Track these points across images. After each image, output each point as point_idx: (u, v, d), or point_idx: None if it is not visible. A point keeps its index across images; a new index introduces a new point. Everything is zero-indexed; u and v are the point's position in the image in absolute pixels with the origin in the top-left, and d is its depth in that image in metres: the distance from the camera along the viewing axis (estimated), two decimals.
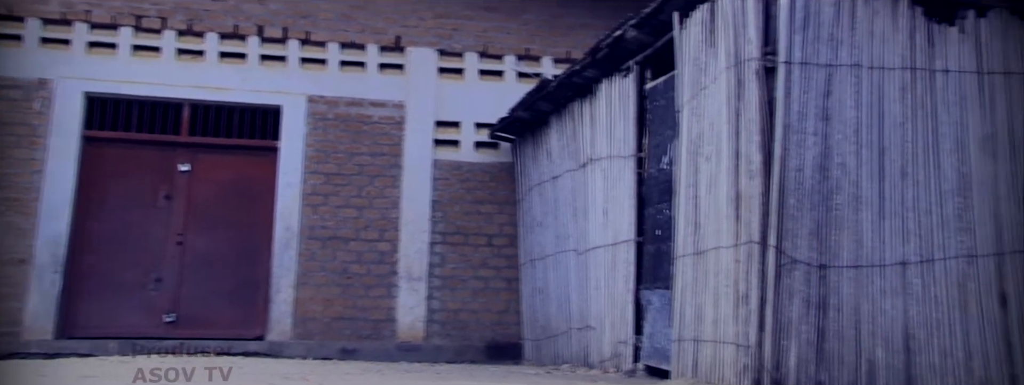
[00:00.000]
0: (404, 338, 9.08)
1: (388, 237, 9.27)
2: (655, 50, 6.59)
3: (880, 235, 5.00)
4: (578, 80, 7.68)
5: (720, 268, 5.34)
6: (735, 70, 5.31)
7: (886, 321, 4.88)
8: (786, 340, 4.81)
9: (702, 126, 5.72)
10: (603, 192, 7.30)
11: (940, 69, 5.23)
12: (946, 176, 5.09)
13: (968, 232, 5.02)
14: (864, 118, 5.13)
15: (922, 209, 5.04)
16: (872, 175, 5.07)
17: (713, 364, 5.24)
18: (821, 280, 4.91)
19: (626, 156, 6.95)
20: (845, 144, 5.09)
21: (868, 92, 5.16)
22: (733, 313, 5.11)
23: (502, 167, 9.67)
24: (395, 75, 9.60)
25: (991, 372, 4.82)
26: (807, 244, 4.94)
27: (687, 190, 5.81)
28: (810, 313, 4.86)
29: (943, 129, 5.16)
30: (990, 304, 4.93)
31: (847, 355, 4.83)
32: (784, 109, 5.06)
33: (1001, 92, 5.22)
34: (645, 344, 6.36)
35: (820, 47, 5.16)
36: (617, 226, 7.00)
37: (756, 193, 5.04)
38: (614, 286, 6.92)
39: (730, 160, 5.36)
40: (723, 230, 5.36)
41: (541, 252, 8.69)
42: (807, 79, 5.12)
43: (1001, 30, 5.29)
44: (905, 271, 4.96)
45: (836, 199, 5.02)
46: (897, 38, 5.24)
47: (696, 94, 5.83)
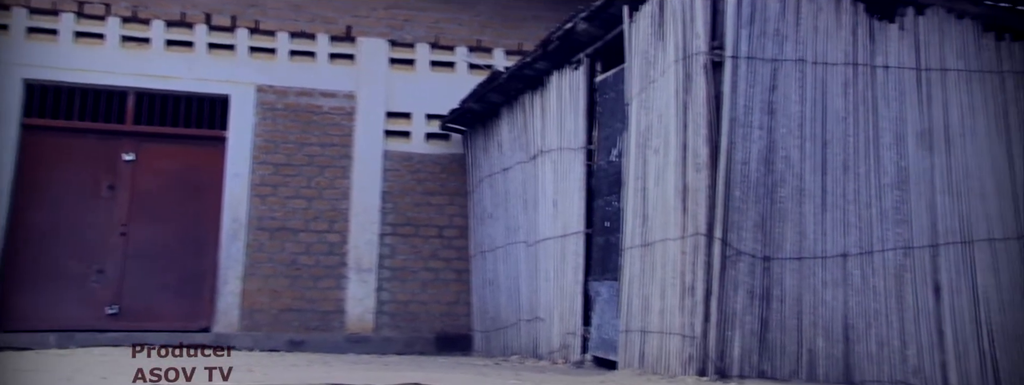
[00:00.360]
0: (353, 330, 9.03)
1: (338, 228, 9.20)
2: (605, 43, 6.62)
3: (822, 227, 5.10)
4: (529, 72, 7.69)
5: (667, 260, 5.41)
6: (683, 64, 5.37)
7: (827, 311, 4.99)
8: (730, 331, 4.89)
9: (651, 119, 5.77)
10: (553, 184, 7.34)
11: (880, 65, 5.34)
12: (885, 170, 5.21)
13: (905, 224, 5.14)
14: (808, 112, 5.22)
15: (862, 202, 5.16)
16: (815, 168, 5.17)
17: (659, 355, 5.31)
18: (765, 272, 5.00)
19: (576, 148, 6.99)
20: (789, 138, 5.18)
21: (812, 87, 5.25)
22: (679, 304, 5.18)
23: (453, 158, 9.65)
24: (346, 65, 9.51)
25: (924, 360, 4.96)
26: (752, 236, 5.02)
27: (635, 182, 5.86)
28: (754, 304, 4.94)
29: (883, 124, 5.27)
30: (925, 294, 5.07)
31: (789, 345, 4.93)
32: (731, 103, 5.13)
33: (938, 88, 5.36)
34: (593, 335, 6.41)
35: (766, 42, 5.23)
36: (567, 218, 7.03)
37: (703, 186, 5.10)
38: (563, 278, 6.96)
39: (678, 153, 5.42)
40: (670, 222, 5.43)
41: (491, 244, 8.70)
42: (753, 74, 5.19)
43: (938, 27, 5.42)
44: (846, 263, 5.07)
45: (780, 192, 5.11)
46: (840, 34, 5.34)
47: (645, 87, 5.88)
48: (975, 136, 5.33)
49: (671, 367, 5.12)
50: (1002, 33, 5.48)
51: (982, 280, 5.11)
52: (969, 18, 5.46)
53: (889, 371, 4.94)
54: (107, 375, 4.48)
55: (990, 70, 5.42)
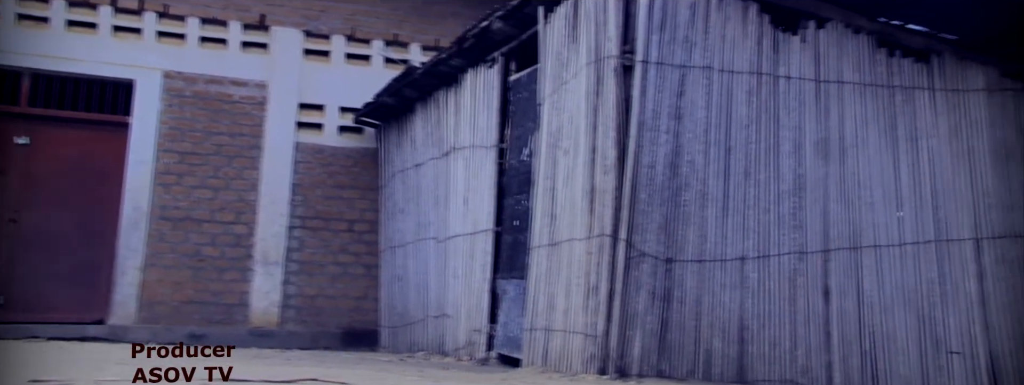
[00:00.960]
0: (257, 323, 8.86)
1: (245, 220, 9.01)
2: (520, 43, 6.66)
3: (723, 231, 5.25)
4: (444, 69, 7.68)
5: (573, 259, 5.48)
6: (595, 66, 5.45)
7: (724, 313, 5.14)
8: (631, 330, 4.99)
9: (562, 120, 5.84)
10: (465, 181, 7.35)
11: (783, 75, 5.53)
12: (784, 177, 5.40)
13: (800, 230, 5.34)
14: (713, 118, 5.37)
15: (761, 207, 5.33)
16: (718, 173, 5.32)
17: (562, 353, 5.38)
18: (667, 273, 5.12)
19: (488, 146, 7.01)
20: (695, 143, 5.31)
21: (718, 94, 5.40)
22: (583, 304, 5.26)
23: (366, 152, 9.57)
24: (258, 54, 9.32)
25: (812, 360, 5.17)
26: (655, 238, 5.13)
27: (545, 182, 5.92)
28: (655, 305, 5.05)
29: (783, 132, 5.46)
30: (815, 297, 5.27)
31: (687, 345, 5.06)
32: (639, 107, 5.23)
33: (835, 99, 5.58)
34: (499, 333, 6.45)
35: (675, 48, 5.36)
36: (477, 215, 7.06)
37: (610, 187, 5.19)
38: (472, 275, 6.98)
39: (587, 154, 5.50)
40: (577, 222, 5.50)
41: (402, 239, 8.66)
42: (662, 79, 5.31)
43: (837, 41, 5.64)
44: (743, 266, 5.23)
45: (684, 195, 5.24)
46: (746, 44, 5.50)
47: (557, 88, 5.94)
48: (866, 147, 5.56)
49: (573, 366, 5.20)
50: (894, 49, 5.74)
51: (867, 284, 5.35)
52: (865, 33, 5.70)
53: (780, 371, 5.12)
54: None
55: (882, 84, 5.67)
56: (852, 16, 5.68)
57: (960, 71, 5.83)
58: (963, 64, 5.84)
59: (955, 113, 5.76)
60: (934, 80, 5.78)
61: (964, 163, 5.70)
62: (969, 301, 5.46)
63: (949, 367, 5.33)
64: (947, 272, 5.49)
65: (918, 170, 5.63)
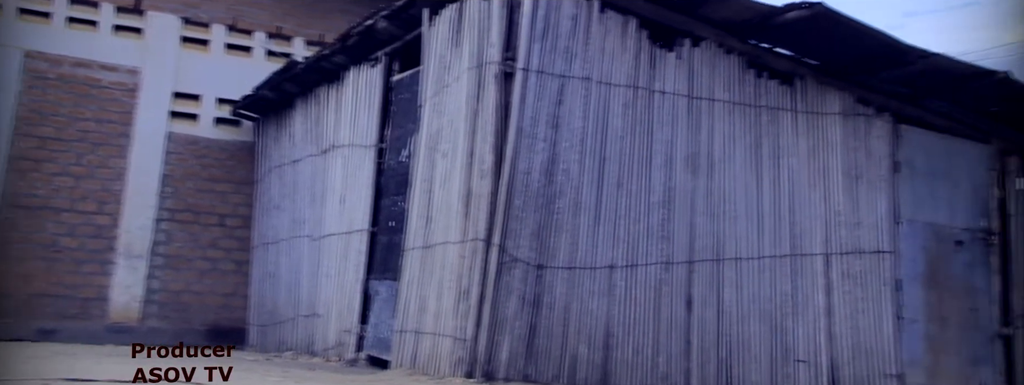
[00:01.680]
0: (116, 319, 8.47)
1: (109, 210, 8.60)
2: (404, 43, 6.64)
3: (594, 239, 5.37)
4: (327, 65, 7.56)
5: (446, 263, 5.49)
6: (476, 72, 5.48)
7: (591, 320, 5.25)
8: (500, 335, 5.04)
9: (442, 123, 5.84)
10: (342, 180, 7.25)
11: (658, 90, 5.71)
12: (655, 189, 5.57)
13: (667, 241, 5.52)
14: (590, 129, 5.48)
15: (632, 218, 5.48)
16: (592, 183, 5.43)
17: (431, 356, 5.38)
18: (538, 279, 5.20)
19: (367, 146, 6.95)
20: (571, 152, 5.41)
21: (595, 105, 5.52)
22: (454, 307, 5.28)
23: (242, 146, 9.30)
24: (132, 39, 8.92)
25: (672, 367, 5.35)
26: (528, 244, 5.20)
27: (422, 184, 5.91)
28: (525, 310, 5.12)
29: (656, 145, 5.63)
30: (679, 307, 5.46)
31: (554, 350, 5.15)
32: (518, 114, 5.29)
33: (706, 116, 5.79)
34: (369, 334, 6.40)
35: (556, 58, 5.45)
36: (353, 215, 6.98)
37: (486, 192, 5.23)
38: (344, 275, 6.90)
39: (465, 158, 5.53)
40: (452, 226, 5.52)
41: (275, 236, 8.47)
42: (542, 87, 5.39)
43: (710, 60, 5.87)
44: (612, 274, 5.37)
45: (558, 203, 5.33)
46: (624, 57, 5.65)
47: (439, 91, 5.94)
48: (733, 163, 5.80)
49: (441, 368, 5.21)
50: (762, 71, 6.02)
51: (727, 295, 5.58)
52: (736, 54, 5.95)
53: (641, 377, 5.27)
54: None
55: (750, 104, 5.93)
56: (725, 37, 5.91)
57: (820, 95, 6.16)
58: (822, 88, 6.17)
59: (814, 134, 6.09)
60: (797, 102, 6.08)
61: (820, 182, 6.03)
62: (816, 312, 5.77)
63: (795, 374, 5.62)
64: (799, 285, 5.79)
65: (778, 187, 5.91)
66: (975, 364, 6.21)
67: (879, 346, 5.90)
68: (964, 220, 6.43)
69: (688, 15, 5.80)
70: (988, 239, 6.43)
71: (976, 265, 6.39)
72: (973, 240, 6.42)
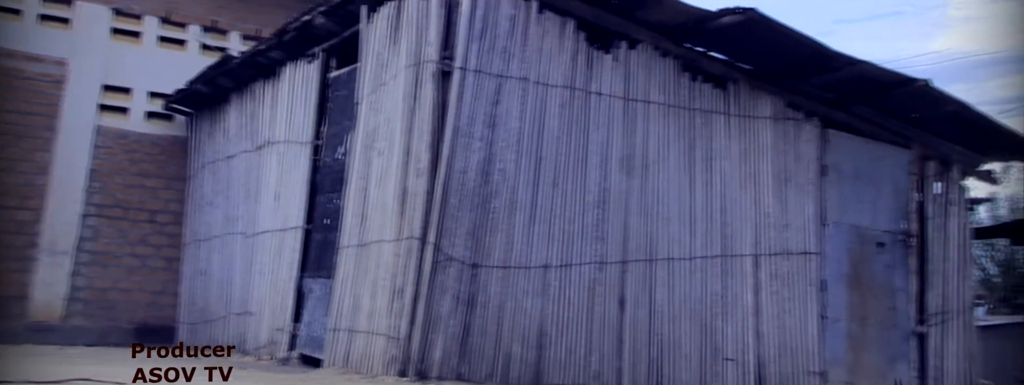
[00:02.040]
0: (38, 317, 8.21)
1: (32, 205, 8.34)
2: (342, 40, 6.59)
3: (529, 239, 5.40)
4: (263, 60, 7.46)
5: (381, 261, 5.47)
6: (414, 70, 5.47)
7: (525, 319, 5.29)
8: (434, 334, 5.04)
9: (378, 120, 5.82)
10: (277, 176, 7.16)
11: (595, 91, 5.77)
12: (590, 189, 5.63)
13: (602, 241, 5.59)
14: (527, 129, 5.52)
15: (567, 218, 5.53)
16: (528, 183, 5.47)
17: (364, 354, 5.36)
18: (472, 278, 5.21)
19: (303, 142, 6.88)
20: (507, 151, 5.44)
21: (532, 105, 5.56)
22: (388, 306, 5.26)
23: (175, 141, 9.11)
24: (59, 29, 8.66)
25: (604, 366, 5.42)
26: (463, 243, 5.21)
27: (358, 182, 5.88)
28: (459, 309, 5.13)
29: (592, 146, 5.69)
30: (612, 306, 5.53)
31: (488, 349, 5.17)
32: (455, 113, 5.30)
33: (641, 118, 5.88)
34: (302, 332, 6.34)
35: (494, 58, 5.47)
36: (287, 212, 6.90)
37: (421, 191, 5.22)
38: (278, 272, 6.81)
39: (401, 157, 5.51)
40: (388, 224, 5.50)
41: (208, 233, 8.32)
42: (479, 87, 5.40)
43: (646, 63, 5.96)
44: (546, 274, 5.41)
45: (494, 202, 5.35)
46: (562, 58, 5.70)
47: (376, 88, 5.92)
48: (667, 165, 5.90)
49: (374, 367, 5.19)
50: (696, 74, 6.13)
51: (659, 295, 5.67)
52: (672, 57, 6.05)
53: (574, 376, 5.33)
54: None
55: (685, 106, 6.04)
56: (661, 40, 6.01)
57: (752, 99, 6.30)
58: (755, 93, 6.31)
59: (746, 138, 6.22)
60: (730, 106, 6.22)
61: (750, 184, 6.17)
62: (745, 312, 5.91)
63: (724, 373, 5.74)
64: (729, 285, 5.91)
65: (711, 189, 6.03)
66: (892, 361, 6.42)
67: (803, 344, 6.07)
68: (886, 223, 6.64)
69: (625, 18, 5.88)
70: (907, 241, 6.66)
71: (896, 266, 6.61)
72: (893, 242, 6.64)
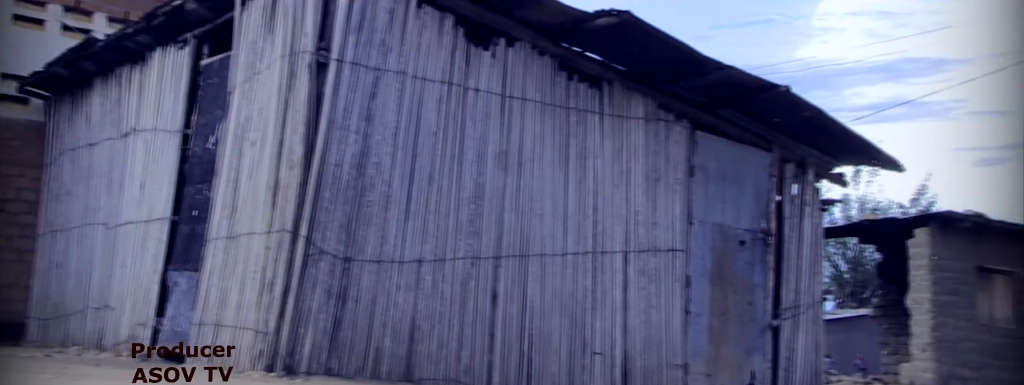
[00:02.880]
0: None
1: None
2: (215, 26, 6.39)
3: (403, 234, 5.40)
4: (131, 44, 7.15)
5: (251, 254, 5.35)
6: (289, 60, 5.37)
7: (397, 313, 5.29)
8: (304, 328, 4.97)
9: (251, 111, 5.68)
10: (143, 166, 6.89)
11: (472, 87, 5.81)
12: (465, 185, 5.67)
13: (476, 236, 5.64)
14: (403, 123, 5.51)
15: (442, 213, 5.55)
16: (404, 177, 5.46)
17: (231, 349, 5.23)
18: (345, 272, 5.17)
19: (172, 131, 6.64)
20: (383, 145, 5.41)
21: (409, 99, 5.55)
22: (257, 299, 5.15)
23: (31, 126, 8.61)
24: None
25: (475, 360, 5.47)
26: (336, 237, 5.16)
27: (229, 173, 5.73)
28: (330, 303, 5.08)
29: (468, 142, 5.73)
30: (484, 301, 5.59)
31: (359, 343, 5.14)
32: (331, 105, 5.24)
33: (517, 115, 5.96)
34: (166, 327, 6.13)
35: (371, 51, 5.43)
36: (153, 203, 6.65)
37: (294, 183, 5.14)
38: (141, 265, 6.56)
39: (274, 148, 5.40)
40: (259, 216, 5.38)
41: (66, 223, 7.91)
42: (356, 79, 5.35)
43: (524, 60, 6.04)
44: (420, 268, 5.42)
45: (368, 196, 5.32)
46: (440, 53, 5.71)
47: (250, 78, 5.77)
48: (542, 162, 6.01)
49: (241, 362, 5.07)
50: (572, 74, 6.26)
51: (531, 290, 5.77)
52: (549, 56, 6.16)
53: (445, 370, 5.36)
54: None
55: (560, 105, 6.16)
56: (539, 38, 6.10)
57: (625, 99, 6.48)
58: (628, 93, 6.50)
59: (619, 137, 6.40)
60: (604, 105, 6.38)
61: (622, 183, 6.35)
62: (614, 307, 6.08)
63: (591, 366, 5.90)
64: (599, 281, 6.07)
65: (584, 187, 6.17)
66: (749, 353, 6.75)
67: (668, 338, 6.30)
68: (747, 222, 6.97)
69: (504, 15, 5.94)
70: (766, 239, 7.01)
71: (755, 263, 6.94)
72: (754, 240, 6.97)
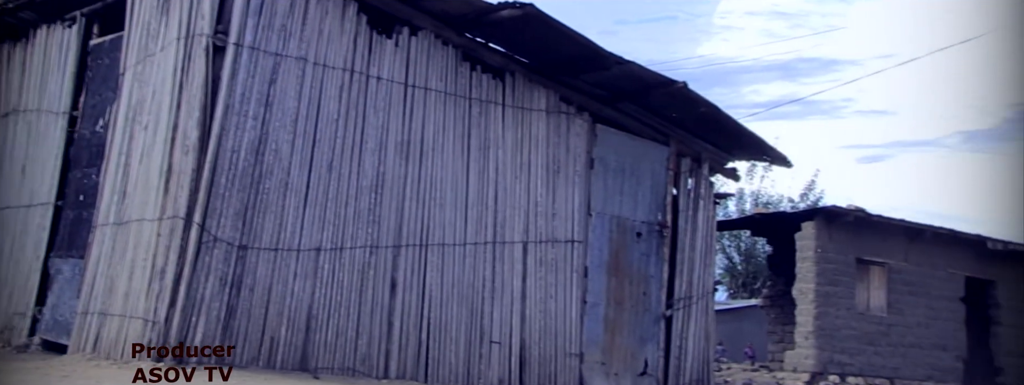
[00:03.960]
0: None
1: None
2: (106, 5, 6.16)
3: (301, 221, 5.33)
4: (12, 20, 6.81)
5: (141, 241, 5.19)
6: (185, 43, 5.22)
7: (294, 302, 5.22)
8: (196, 317, 4.86)
9: (144, 93, 5.50)
10: (25, 148, 6.59)
11: (374, 75, 5.77)
12: (366, 173, 5.63)
13: (375, 225, 5.61)
14: (303, 110, 5.43)
15: (341, 201, 5.51)
16: (303, 164, 5.39)
17: (118, 339, 5.06)
18: (240, 260, 5.07)
19: (58, 112, 6.36)
20: (282, 132, 5.32)
21: (310, 86, 5.47)
22: (146, 288, 5.00)
23: None
24: None
25: (372, 349, 5.46)
26: (232, 224, 5.06)
27: (119, 157, 5.54)
28: (224, 292, 4.98)
29: (369, 130, 5.70)
30: (383, 290, 5.58)
31: (253, 332, 5.06)
32: (228, 90, 5.12)
33: (420, 104, 5.95)
34: (46, 316, 5.88)
35: (271, 35, 5.32)
36: (35, 187, 6.36)
37: (189, 169, 5.01)
38: (21, 252, 6.28)
39: (167, 132, 5.25)
40: (150, 202, 5.23)
41: None
42: (254, 64, 5.24)
43: (427, 50, 6.03)
44: (318, 257, 5.36)
45: (266, 183, 5.23)
46: (342, 40, 5.64)
47: (143, 59, 5.59)
48: (443, 152, 6.02)
49: (127, 353, 4.92)
50: (475, 64, 6.29)
51: (430, 279, 5.79)
52: (452, 46, 6.17)
53: (341, 358, 5.33)
54: None
55: (463, 95, 6.18)
56: (443, 28, 6.10)
57: (528, 91, 6.54)
58: (531, 85, 6.56)
59: (520, 128, 6.46)
60: (506, 97, 6.42)
61: (523, 174, 6.41)
62: (512, 297, 6.15)
63: (489, 355, 5.96)
64: (499, 271, 6.13)
65: (485, 177, 6.21)
66: (643, 342, 6.94)
67: (565, 328, 6.41)
68: (644, 214, 7.14)
69: (408, 4, 5.92)
70: (662, 231, 7.21)
71: (651, 254, 7.13)
72: (650, 232, 7.16)
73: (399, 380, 5.46)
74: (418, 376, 5.59)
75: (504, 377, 6.00)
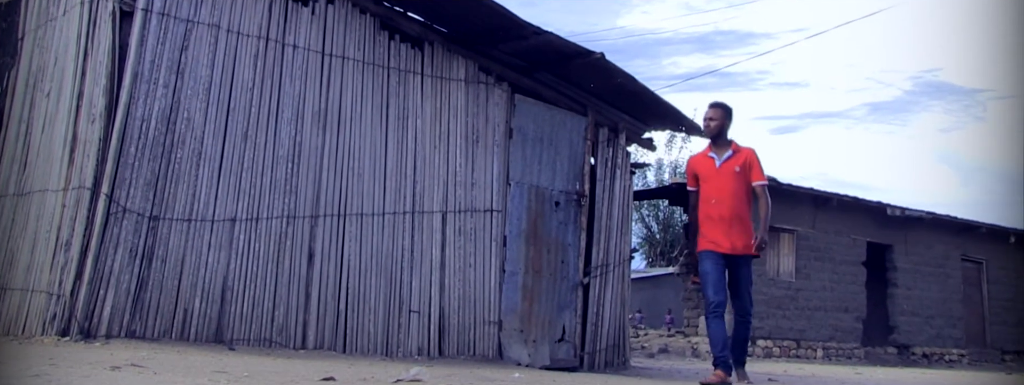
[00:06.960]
0: None
1: None
2: None
3: (215, 192, 5.24)
4: None
5: (44, 212, 5.03)
6: (89, 7, 5.04)
7: (208, 273, 5.14)
8: (104, 290, 4.75)
9: (46, 60, 5.30)
10: None
11: (290, 44, 5.66)
12: (282, 143, 5.55)
13: (292, 195, 5.55)
14: (216, 78, 5.31)
15: (257, 171, 5.42)
16: (216, 134, 5.28)
17: (19, 314, 4.93)
18: (151, 231, 4.96)
19: None
20: (194, 100, 5.20)
21: (223, 54, 5.35)
22: (50, 260, 4.87)
23: None
24: None
25: (289, 319, 5.43)
26: (142, 195, 4.94)
27: (19, 126, 5.34)
28: (134, 263, 4.87)
29: (285, 99, 5.60)
30: (300, 260, 5.54)
31: (166, 305, 4.97)
32: (136, 56, 4.97)
33: (337, 73, 5.87)
34: None
35: (182, 1, 5.17)
36: None
37: (95, 138, 4.86)
38: None
39: (72, 101, 5.07)
40: (54, 173, 5.06)
41: None
42: (165, 31, 5.10)
43: (345, 18, 5.94)
44: (233, 227, 5.28)
45: (178, 153, 5.11)
46: (257, 7, 5.52)
47: (44, 24, 5.37)
48: (361, 121, 5.97)
49: (31, 327, 4.79)
50: (394, 33, 6.22)
51: (349, 249, 5.77)
52: (370, 15, 6.09)
53: (258, 330, 5.29)
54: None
55: (381, 64, 6.12)
56: None
57: (447, 61, 6.52)
58: (450, 55, 6.54)
59: (439, 98, 6.44)
60: (425, 66, 6.39)
61: (442, 144, 6.41)
62: (432, 266, 6.18)
63: (408, 324, 5.99)
64: (417, 240, 6.14)
65: (404, 147, 6.19)
66: (561, 310, 7.06)
67: (483, 296, 6.48)
68: (562, 183, 7.23)
69: None
70: (579, 200, 7.31)
71: (569, 223, 7.23)
72: (568, 201, 7.25)
73: (317, 350, 5.45)
74: (336, 346, 5.58)
75: (423, 346, 6.04)
